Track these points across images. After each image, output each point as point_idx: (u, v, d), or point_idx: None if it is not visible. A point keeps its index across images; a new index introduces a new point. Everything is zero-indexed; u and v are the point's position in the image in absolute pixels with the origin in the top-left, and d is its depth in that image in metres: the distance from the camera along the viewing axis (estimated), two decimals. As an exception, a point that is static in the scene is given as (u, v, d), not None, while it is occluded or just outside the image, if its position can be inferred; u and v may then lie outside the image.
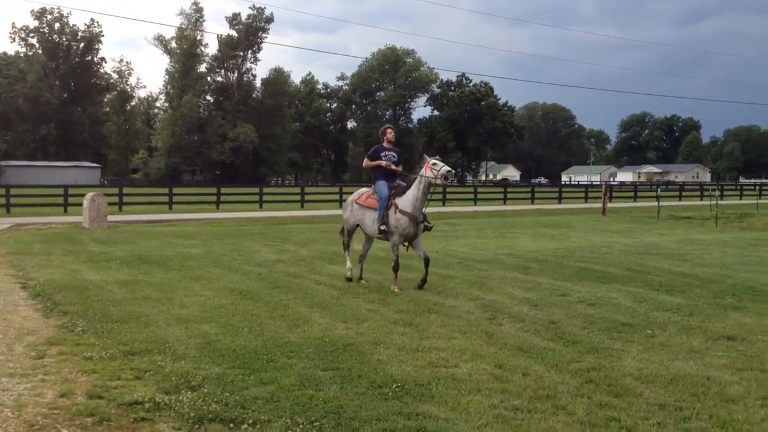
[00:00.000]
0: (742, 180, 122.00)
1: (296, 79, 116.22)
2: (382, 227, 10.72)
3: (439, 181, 10.36)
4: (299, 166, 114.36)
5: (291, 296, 10.26)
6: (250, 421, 5.21)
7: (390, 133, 11.28)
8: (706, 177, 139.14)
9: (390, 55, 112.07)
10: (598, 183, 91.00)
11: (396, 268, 10.69)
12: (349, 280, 11.51)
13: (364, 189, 11.78)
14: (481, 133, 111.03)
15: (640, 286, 11.15)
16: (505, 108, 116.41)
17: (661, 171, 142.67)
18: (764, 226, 25.49)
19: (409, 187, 10.72)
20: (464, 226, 24.69)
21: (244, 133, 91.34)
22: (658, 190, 36.73)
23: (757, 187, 65.52)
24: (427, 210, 10.83)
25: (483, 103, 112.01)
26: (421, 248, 10.83)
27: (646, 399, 5.67)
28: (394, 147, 11.34)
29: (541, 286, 11.14)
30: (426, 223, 10.78)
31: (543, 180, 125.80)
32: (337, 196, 40.62)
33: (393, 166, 11.13)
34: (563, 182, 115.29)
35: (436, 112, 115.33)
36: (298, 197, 39.90)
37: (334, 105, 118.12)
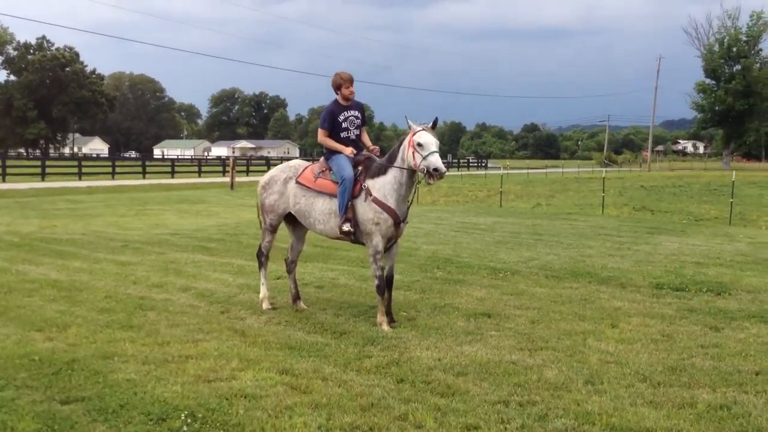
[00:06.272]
0: None
1: None
2: (346, 226, 6.99)
3: (421, 176, 6.72)
4: None
5: (-67, 300, 7.55)
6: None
7: (347, 89, 7.28)
8: (296, 153, 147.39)
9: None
10: (227, 157, 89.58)
11: (381, 289, 6.99)
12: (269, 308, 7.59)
13: (303, 162, 7.80)
14: (67, 102, 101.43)
15: (341, 263, 10.62)
16: (94, 76, 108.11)
17: (254, 146, 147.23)
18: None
19: (385, 163, 7.01)
20: (91, 203, 21.85)
21: None
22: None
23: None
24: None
25: (68, 69, 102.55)
26: (394, 257, 7.33)
27: (481, 397, 5.03)
28: (356, 103, 7.46)
29: (245, 269, 9.97)
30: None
31: (134, 154, 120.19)
32: None
33: (368, 147, 7.44)
34: (163, 157, 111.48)
35: (13, 77, 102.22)
36: None
37: None
